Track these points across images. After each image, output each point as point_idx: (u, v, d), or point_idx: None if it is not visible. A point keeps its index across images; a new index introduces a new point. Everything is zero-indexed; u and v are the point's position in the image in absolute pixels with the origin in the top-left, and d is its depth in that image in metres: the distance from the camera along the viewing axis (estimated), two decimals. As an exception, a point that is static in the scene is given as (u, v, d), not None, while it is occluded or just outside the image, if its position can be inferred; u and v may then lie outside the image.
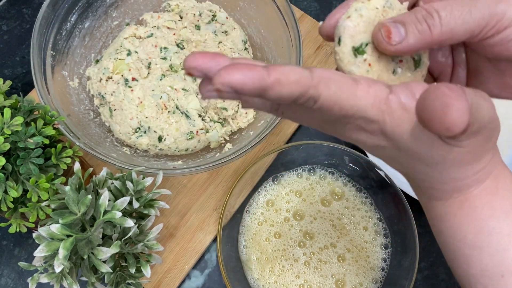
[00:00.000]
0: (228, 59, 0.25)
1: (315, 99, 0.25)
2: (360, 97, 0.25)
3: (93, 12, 0.59)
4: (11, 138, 0.38)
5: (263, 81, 0.23)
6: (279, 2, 0.56)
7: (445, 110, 0.22)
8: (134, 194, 0.43)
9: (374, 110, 0.26)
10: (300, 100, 0.24)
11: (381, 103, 0.26)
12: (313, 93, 0.24)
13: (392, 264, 0.55)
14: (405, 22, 0.28)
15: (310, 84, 0.24)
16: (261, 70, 0.23)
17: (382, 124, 0.26)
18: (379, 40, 0.28)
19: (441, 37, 0.27)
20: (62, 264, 0.37)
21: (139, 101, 0.57)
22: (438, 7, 0.27)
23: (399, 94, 0.26)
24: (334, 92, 0.25)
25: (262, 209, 0.58)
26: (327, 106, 0.25)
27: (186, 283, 0.57)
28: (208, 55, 0.24)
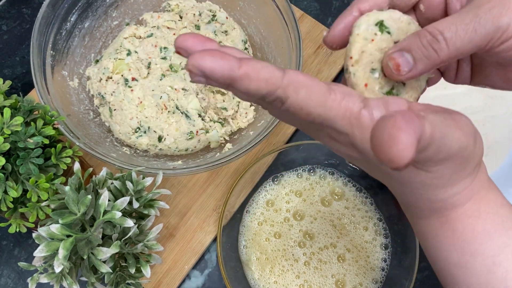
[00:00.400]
0: (217, 45, 0.25)
1: (282, 100, 0.24)
2: (329, 108, 0.25)
3: (93, 12, 0.59)
4: (11, 138, 0.38)
5: (232, 72, 0.23)
6: (279, 2, 0.56)
7: (390, 142, 0.22)
8: (134, 194, 0.43)
9: (343, 122, 0.25)
10: (267, 99, 0.24)
11: (352, 116, 0.25)
12: (280, 94, 0.24)
13: (392, 264, 0.55)
14: (412, 49, 0.28)
15: (279, 85, 0.24)
16: (233, 61, 0.23)
17: (352, 137, 0.26)
18: (389, 73, 0.28)
19: (449, 57, 0.27)
20: (62, 264, 0.37)
21: (139, 101, 0.57)
22: (442, 28, 0.27)
23: (372, 110, 0.25)
24: (302, 97, 0.24)
25: (262, 209, 0.58)
26: (293, 110, 0.25)
27: (186, 283, 0.57)
28: (198, 37, 0.25)
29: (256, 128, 0.57)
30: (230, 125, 0.59)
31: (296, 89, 0.24)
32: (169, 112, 0.57)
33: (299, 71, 0.25)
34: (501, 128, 0.63)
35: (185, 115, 0.57)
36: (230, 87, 0.24)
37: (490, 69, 0.32)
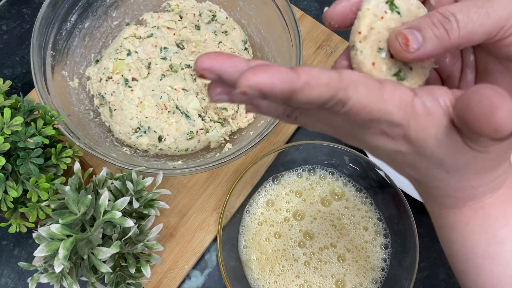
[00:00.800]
0: (244, 61, 0.23)
1: (343, 102, 0.23)
2: (386, 100, 0.24)
3: (93, 12, 0.59)
4: (11, 138, 0.38)
5: (292, 83, 0.21)
6: (279, 2, 0.56)
7: (493, 110, 0.21)
8: (134, 194, 0.43)
9: (400, 114, 0.25)
10: (328, 104, 0.23)
11: (407, 106, 0.25)
12: (342, 96, 0.23)
13: (392, 264, 0.55)
14: (422, 28, 0.27)
15: (340, 87, 0.23)
16: (290, 72, 0.21)
17: (407, 128, 0.26)
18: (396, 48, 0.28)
19: (460, 41, 0.27)
20: (62, 264, 0.37)
21: (139, 101, 0.57)
22: (454, 10, 0.26)
23: (423, 97, 0.25)
24: (364, 95, 0.24)
25: (262, 209, 0.58)
26: (355, 110, 0.24)
27: (186, 283, 0.57)
28: (223, 55, 0.23)
29: (256, 128, 0.57)
30: (230, 125, 0.59)
31: (356, 88, 0.23)
32: (169, 112, 0.57)
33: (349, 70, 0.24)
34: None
35: (185, 115, 0.57)
36: (288, 100, 0.22)
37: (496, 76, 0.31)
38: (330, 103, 0.23)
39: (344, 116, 0.25)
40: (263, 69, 0.21)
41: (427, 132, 0.26)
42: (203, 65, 0.23)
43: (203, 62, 0.23)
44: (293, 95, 0.22)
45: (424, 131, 0.26)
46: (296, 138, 0.64)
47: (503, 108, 0.21)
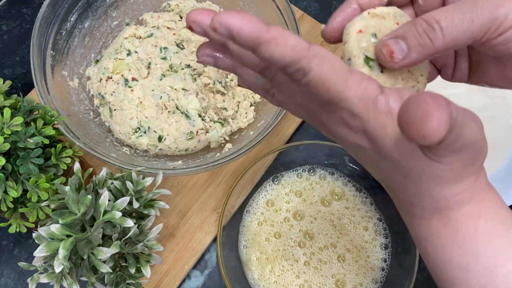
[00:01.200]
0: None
1: (305, 71, 0.24)
2: (349, 87, 0.25)
3: (93, 12, 0.59)
4: (11, 138, 0.38)
5: (260, 33, 0.22)
6: (279, 2, 0.56)
7: (425, 118, 0.22)
8: (134, 194, 0.43)
9: (360, 105, 0.25)
10: (289, 69, 0.24)
11: (369, 100, 0.25)
12: (304, 64, 0.23)
13: (392, 264, 0.55)
14: (407, 37, 0.27)
15: (304, 54, 0.23)
16: (261, 24, 0.22)
17: (366, 122, 0.26)
18: (382, 59, 0.28)
19: (444, 47, 0.27)
20: (62, 264, 0.37)
21: (139, 101, 0.57)
22: (438, 17, 0.27)
23: (389, 97, 0.25)
24: (326, 71, 0.24)
25: (262, 209, 0.58)
26: (314, 83, 0.24)
27: (186, 283, 0.57)
28: (212, 12, 0.24)
29: (256, 128, 0.57)
30: (230, 125, 0.59)
31: (320, 61, 0.24)
32: (169, 112, 0.57)
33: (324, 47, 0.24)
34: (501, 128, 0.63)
35: (185, 115, 0.57)
36: (253, 51, 0.23)
37: (488, 66, 0.32)
38: (291, 68, 0.24)
39: (305, 89, 0.25)
40: (238, 13, 0.22)
41: (385, 131, 0.26)
42: (193, 17, 0.24)
43: (193, 15, 0.24)
44: (258, 45, 0.22)
45: (382, 129, 0.26)
46: (296, 138, 0.64)
47: (434, 116, 0.22)
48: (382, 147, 0.27)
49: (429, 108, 0.22)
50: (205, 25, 0.24)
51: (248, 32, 0.22)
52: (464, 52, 0.33)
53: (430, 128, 0.22)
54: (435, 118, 0.22)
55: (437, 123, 0.22)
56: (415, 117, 0.22)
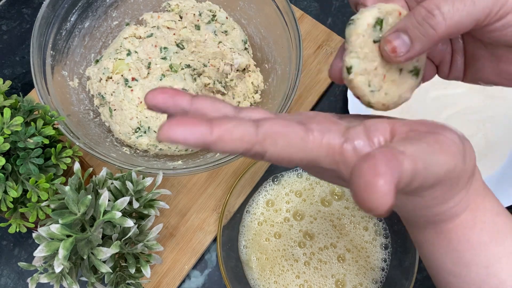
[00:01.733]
0: (188, 98, 0.25)
1: (261, 154, 0.24)
2: (311, 149, 0.24)
3: (93, 12, 0.59)
4: (11, 138, 0.38)
5: (205, 137, 0.22)
6: (279, 2, 0.56)
7: (368, 189, 0.21)
8: (134, 194, 0.43)
9: (327, 160, 0.25)
10: (246, 155, 0.24)
11: (335, 154, 0.25)
12: (258, 149, 0.23)
13: (392, 264, 0.55)
14: (407, 29, 0.27)
15: (255, 141, 0.23)
16: (204, 127, 0.22)
17: (338, 172, 0.25)
18: (386, 57, 0.28)
19: (448, 32, 0.26)
20: (62, 264, 0.37)
21: (139, 101, 0.57)
22: (438, 2, 0.26)
23: (354, 142, 0.24)
24: (281, 148, 0.24)
25: (262, 209, 0.58)
26: (275, 160, 0.24)
27: (186, 283, 0.57)
28: (167, 92, 0.24)
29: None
30: (230, 125, 0.59)
31: (273, 141, 0.23)
32: (169, 112, 0.57)
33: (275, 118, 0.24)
34: (501, 128, 0.63)
35: (185, 115, 0.57)
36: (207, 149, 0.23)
37: (482, 62, 0.31)
38: (247, 154, 0.24)
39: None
40: (179, 122, 0.22)
41: None
42: (150, 102, 0.24)
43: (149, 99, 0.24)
44: (208, 146, 0.22)
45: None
46: (296, 138, 0.64)
47: (377, 188, 0.20)
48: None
49: (372, 178, 0.21)
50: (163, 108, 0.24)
51: (193, 140, 0.22)
52: (459, 47, 0.33)
53: (374, 200, 0.21)
54: (378, 190, 0.20)
55: (380, 195, 0.20)
56: (359, 188, 0.21)
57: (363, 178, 0.21)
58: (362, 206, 0.21)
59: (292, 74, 0.54)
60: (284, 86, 0.55)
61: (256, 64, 0.62)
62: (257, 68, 0.62)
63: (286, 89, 0.53)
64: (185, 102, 0.25)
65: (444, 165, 0.25)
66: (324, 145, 0.24)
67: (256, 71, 0.61)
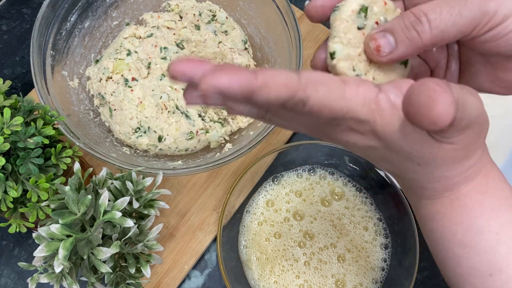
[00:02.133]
0: (213, 65, 0.24)
1: (303, 102, 0.24)
2: (349, 98, 0.25)
3: (93, 12, 0.59)
4: (11, 138, 0.38)
5: (250, 83, 0.22)
6: (279, 2, 0.56)
7: (430, 104, 0.22)
8: (134, 194, 0.43)
9: (364, 110, 0.25)
10: (288, 104, 0.24)
11: (371, 102, 0.25)
12: (301, 96, 0.24)
13: (392, 264, 0.55)
14: (394, 30, 0.27)
15: (298, 87, 0.23)
16: (248, 73, 0.22)
17: (373, 123, 0.26)
18: (369, 54, 0.28)
19: (432, 41, 0.27)
20: (62, 264, 0.37)
21: (139, 101, 0.57)
22: (426, 10, 0.27)
23: (388, 93, 0.25)
24: (323, 94, 0.24)
25: (262, 209, 0.58)
26: (316, 109, 0.24)
27: (186, 283, 0.57)
28: (193, 60, 0.24)
29: (256, 128, 0.57)
30: (230, 125, 0.59)
31: (315, 87, 0.24)
32: (169, 112, 0.57)
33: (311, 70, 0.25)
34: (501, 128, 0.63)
35: (185, 115, 0.57)
36: (249, 100, 0.23)
37: (477, 67, 0.32)
38: (290, 103, 0.24)
39: (308, 115, 0.25)
40: (222, 70, 0.22)
41: (393, 126, 0.26)
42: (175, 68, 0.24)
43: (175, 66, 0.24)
44: (252, 95, 0.22)
45: (390, 125, 0.26)
46: (296, 138, 0.64)
47: (439, 101, 0.22)
48: (392, 143, 0.27)
49: (433, 93, 0.22)
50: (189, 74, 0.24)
51: (239, 86, 0.22)
52: (454, 53, 0.33)
53: (439, 113, 0.22)
54: (440, 102, 0.22)
55: (444, 106, 0.22)
56: (421, 105, 0.22)
57: (425, 94, 0.22)
58: (425, 121, 0.22)
59: (292, 74, 0.53)
60: (284, 86, 0.54)
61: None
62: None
63: (286, 89, 0.53)
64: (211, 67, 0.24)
65: (476, 106, 0.26)
66: (361, 94, 0.25)
67: (256, 71, 0.61)
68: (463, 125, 0.26)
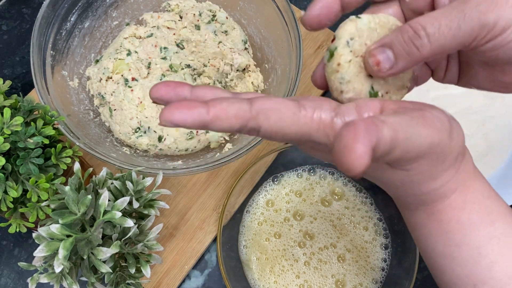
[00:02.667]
0: (188, 88, 0.26)
1: (256, 129, 0.25)
2: (303, 124, 0.25)
3: (93, 12, 0.59)
4: (11, 138, 0.38)
5: (202, 118, 0.24)
6: (279, 2, 0.56)
7: (345, 152, 0.22)
8: (134, 194, 0.43)
9: (319, 135, 0.26)
10: (242, 131, 0.25)
11: (326, 127, 0.26)
12: (253, 125, 0.25)
13: (392, 264, 0.55)
14: (393, 46, 0.27)
15: (249, 117, 0.25)
16: (201, 108, 0.24)
17: (331, 146, 0.26)
18: (369, 69, 0.28)
19: (432, 53, 0.27)
20: (62, 264, 0.37)
21: (139, 101, 0.57)
22: (425, 23, 0.26)
23: (344, 116, 0.26)
24: (274, 122, 0.25)
25: (262, 209, 0.58)
26: (269, 135, 0.26)
27: (186, 283, 0.57)
28: (169, 85, 0.26)
29: (256, 128, 0.57)
30: (230, 125, 0.59)
31: (266, 116, 0.25)
32: (169, 112, 0.57)
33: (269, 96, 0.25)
34: (501, 128, 0.63)
35: (185, 115, 0.57)
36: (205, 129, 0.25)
37: (476, 69, 0.32)
38: (243, 131, 0.25)
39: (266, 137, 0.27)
40: (178, 106, 0.24)
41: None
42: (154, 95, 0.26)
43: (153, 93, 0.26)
44: (206, 126, 0.24)
45: None
46: (296, 138, 0.64)
47: (352, 151, 0.22)
48: None
49: (350, 141, 0.22)
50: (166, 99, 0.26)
51: (191, 121, 0.24)
52: (454, 54, 0.33)
53: (350, 162, 0.22)
54: (354, 152, 0.22)
55: (356, 157, 0.22)
56: (339, 151, 0.23)
57: (343, 141, 0.23)
58: (341, 167, 0.23)
59: (292, 74, 0.54)
60: (284, 86, 0.55)
61: (256, 64, 0.62)
62: (257, 68, 0.62)
63: (286, 89, 0.53)
64: (185, 91, 0.26)
65: (427, 138, 0.26)
66: (316, 120, 0.26)
67: (256, 71, 0.61)
68: (411, 156, 0.26)
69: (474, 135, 0.62)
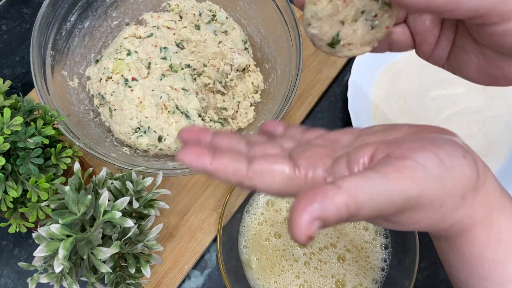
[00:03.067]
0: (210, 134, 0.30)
1: (251, 187, 0.28)
2: (296, 185, 0.27)
3: (93, 12, 0.59)
4: (11, 138, 0.38)
5: (205, 167, 0.27)
6: (279, 2, 0.56)
7: (292, 223, 0.24)
8: (134, 194, 0.43)
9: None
10: (241, 186, 0.28)
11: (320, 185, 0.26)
12: (248, 183, 0.27)
13: (392, 264, 0.55)
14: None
15: (244, 177, 0.27)
16: (207, 158, 0.27)
17: None
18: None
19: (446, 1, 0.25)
20: (62, 264, 0.37)
21: (139, 101, 0.57)
22: None
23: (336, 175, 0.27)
24: (269, 184, 0.27)
25: (262, 209, 0.58)
26: (266, 192, 0.28)
27: (186, 283, 0.57)
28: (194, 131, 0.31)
29: (256, 128, 0.57)
30: (230, 125, 0.59)
31: (260, 177, 0.27)
32: (169, 112, 0.57)
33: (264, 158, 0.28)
34: (501, 128, 0.63)
35: (185, 115, 0.57)
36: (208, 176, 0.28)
37: (470, 56, 0.30)
38: (241, 186, 0.28)
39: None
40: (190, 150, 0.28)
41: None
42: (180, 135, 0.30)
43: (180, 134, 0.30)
44: (208, 174, 0.28)
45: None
46: (296, 138, 0.64)
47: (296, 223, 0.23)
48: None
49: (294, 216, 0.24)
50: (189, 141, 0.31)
51: (196, 167, 0.28)
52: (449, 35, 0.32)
53: (294, 234, 0.24)
54: (296, 225, 0.23)
55: (298, 230, 0.23)
56: (289, 221, 0.24)
57: (292, 213, 0.24)
58: (291, 236, 0.24)
59: (292, 74, 0.54)
60: (284, 86, 0.55)
61: (256, 64, 0.62)
62: (257, 68, 0.62)
63: (286, 89, 0.53)
64: (207, 137, 0.30)
65: (400, 193, 0.25)
66: (309, 181, 0.27)
67: (256, 71, 0.61)
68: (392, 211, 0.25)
69: (474, 135, 0.62)
